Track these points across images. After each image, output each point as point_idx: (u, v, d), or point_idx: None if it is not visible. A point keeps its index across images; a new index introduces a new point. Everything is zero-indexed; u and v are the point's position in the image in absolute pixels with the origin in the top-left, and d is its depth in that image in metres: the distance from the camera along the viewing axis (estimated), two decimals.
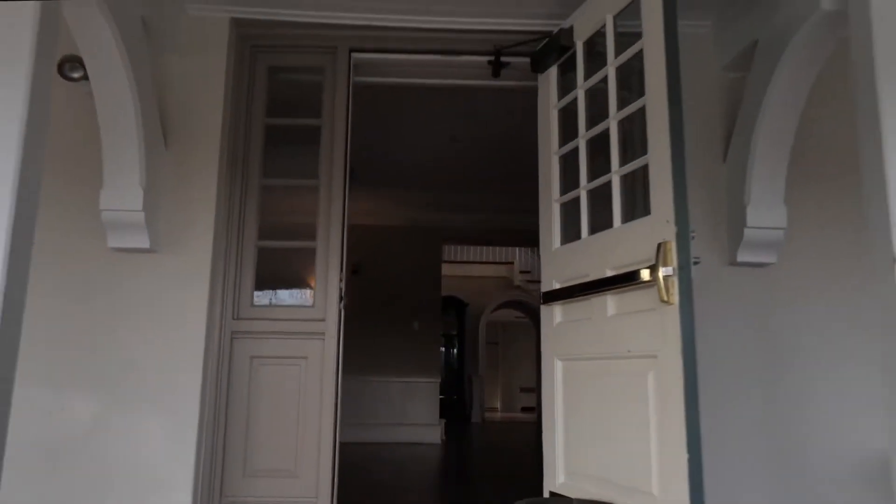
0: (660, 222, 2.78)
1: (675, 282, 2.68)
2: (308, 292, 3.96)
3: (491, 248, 16.82)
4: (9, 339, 2.25)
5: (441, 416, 10.30)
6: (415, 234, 10.10)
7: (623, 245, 3.04)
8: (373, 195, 8.68)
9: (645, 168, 2.95)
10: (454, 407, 15.92)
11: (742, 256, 3.64)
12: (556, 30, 3.78)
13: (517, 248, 16.71)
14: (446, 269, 11.98)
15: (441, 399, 10.51)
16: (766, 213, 3.54)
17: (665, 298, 2.70)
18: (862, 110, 2.62)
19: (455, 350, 17.39)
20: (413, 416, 9.96)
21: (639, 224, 2.95)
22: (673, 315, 2.67)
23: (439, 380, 10.27)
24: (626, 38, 3.21)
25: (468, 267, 16.86)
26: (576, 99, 3.54)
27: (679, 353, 2.63)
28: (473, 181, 8.03)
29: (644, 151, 2.96)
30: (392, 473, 6.70)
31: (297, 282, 4.06)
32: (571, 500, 3.07)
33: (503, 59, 4.09)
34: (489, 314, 17.18)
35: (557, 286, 3.56)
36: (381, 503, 5.15)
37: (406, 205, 9.42)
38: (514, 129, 5.72)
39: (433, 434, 9.94)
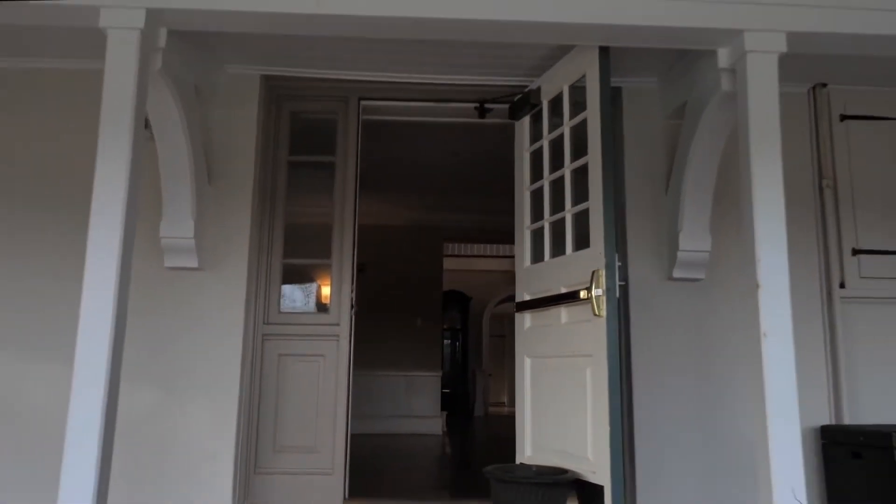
0: (595, 254, 3.86)
1: (604, 300, 3.76)
2: (326, 301, 5.05)
3: (496, 244, 17.75)
4: (117, 345, 3.36)
5: (445, 410, 11.39)
6: (417, 234, 11.18)
7: (572, 268, 4.12)
8: (377, 198, 9.68)
9: (588, 210, 4.03)
10: (458, 401, 16.93)
11: (677, 273, 4.71)
12: (529, 85, 4.84)
13: None
14: (449, 264, 13.03)
15: (446, 393, 11.52)
16: (694, 239, 4.60)
17: (597, 312, 3.78)
18: (742, 163, 3.70)
19: (459, 344, 18.40)
20: (415, 408, 11.06)
21: (582, 254, 4.03)
22: (602, 325, 3.75)
23: (440, 374, 11.36)
24: (580, 103, 4.27)
25: (471, 261, 17.82)
26: (542, 148, 4.61)
27: (605, 354, 3.71)
28: (473, 185, 8.98)
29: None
30: (394, 457, 7.82)
31: (316, 292, 5.15)
32: (531, 466, 4.16)
33: (487, 105, 5.16)
34: (493, 308, 18.18)
35: (528, 297, 4.65)
36: (384, 477, 6.24)
37: (408, 206, 10.42)
38: (509, 144, 6.75)
39: (434, 426, 11.04)
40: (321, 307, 5.09)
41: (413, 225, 11.04)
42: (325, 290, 5.10)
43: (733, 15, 3.78)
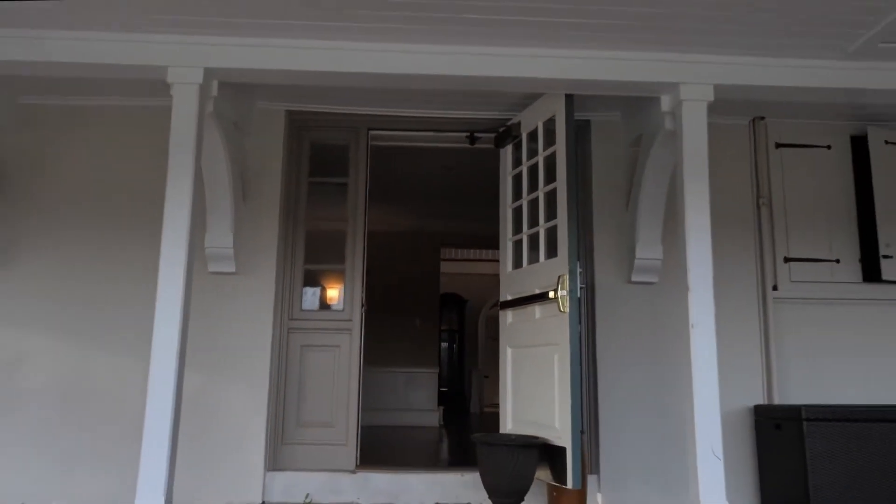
0: (560, 263, 4.88)
1: (568, 299, 4.77)
2: (340, 300, 6.07)
3: (490, 249, 18.74)
4: (183, 338, 4.38)
5: (443, 407, 12.39)
6: (416, 240, 12.20)
7: (543, 273, 5.13)
8: (381, 208, 10.68)
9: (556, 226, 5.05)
10: (455, 399, 17.94)
11: (635, 278, 5.72)
12: (511, 118, 5.87)
13: None
14: (446, 268, 14.05)
15: (443, 391, 12.50)
16: (648, 249, 5.62)
17: (562, 309, 4.80)
18: (678, 189, 4.72)
19: (455, 345, 19.41)
20: (414, 402, 12.07)
21: (551, 261, 5.05)
22: (566, 320, 4.77)
23: (437, 371, 12.38)
24: (552, 134, 5.28)
25: (468, 265, 18.83)
26: (521, 173, 5.64)
27: (569, 343, 4.73)
28: (467, 196, 9.96)
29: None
30: (396, 440, 8.83)
31: (333, 293, 6.17)
32: (511, 434, 5.18)
33: (476, 134, 6.18)
34: (488, 311, 19.17)
35: (510, 298, 5.66)
36: (388, 452, 7.25)
37: (408, 215, 11.42)
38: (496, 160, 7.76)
39: (432, 418, 12.04)
40: (337, 305, 6.10)
41: (412, 231, 12.04)
42: (337, 292, 6.11)
43: (671, 71, 4.81)
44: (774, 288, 5.90)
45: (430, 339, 12.34)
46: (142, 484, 4.29)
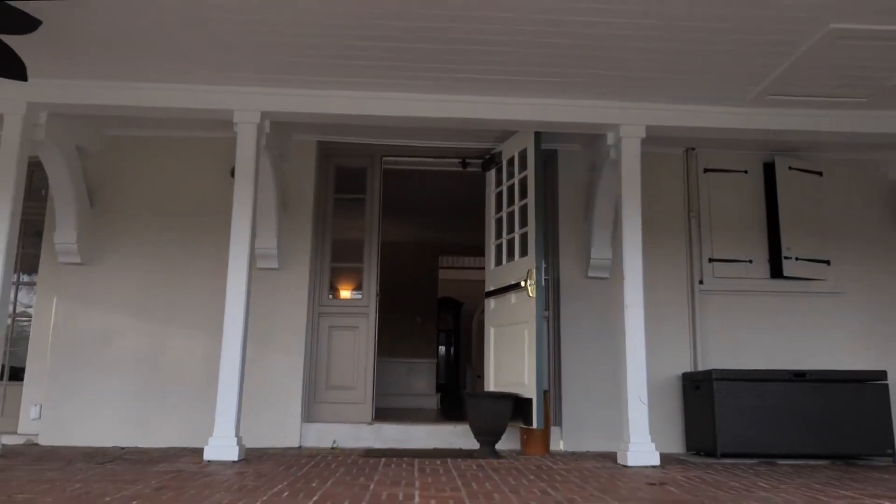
0: (530, 260, 6.31)
1: (534, 288, 6.19)
2: (360, 287, 7.47)
3: (482, 257, 20.11)
4: (246, 320, 5.80)
5: (441, 397, 13.76)
6: (418, 248, 13.62)
7: (517, 269, 6.56)
8: (389, 219, 12.08)
9: (526, 233, 6.48)
10: (451, 390, 19.33)
11: (590, 273, 7.14)
12: (494, 149, 7.29)
13: None
14: (444, 274, 15.45)
15: (442, 384, 13.81)
16: (601, 251, 7.04)
17: (530, 295, 6.21)
18: (618, 206, 6.15)
19: (452, 346, 20.79)
20: (415, 388, 13.46)
21: (523, 259, 6.47)
22: (533, 303, 6.18)
23: (435, 361, 13.78)
24: (525, 163, 6.71)
25: (463, 272, 20.25)
26: (502, 191, 7.07)
27: (535, 321, 6.14)
28: (462, 209, 11.36)
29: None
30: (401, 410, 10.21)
31: (354, 285, 7.58)
32: (492, 392, 6.59)
33: (467, 161, 7.61)
34: (479, 315, 20.55)
35: (492, 288, 7.08)
36: (395, 413, 8.63)
37: (412, 226, 12.83)
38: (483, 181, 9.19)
39: (431, 402, 13.43)
40: (357, 294, 7.52)
41: (415, 241, 13.45)
42: (357, 285, 7.53)
43: (613, 115, 6.25)
44: (700, 282, 7.31)
45: (429, 335, 13.75)
46: (218, 425, 5.67)
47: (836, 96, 5.99)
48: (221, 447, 5.56)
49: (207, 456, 5.56)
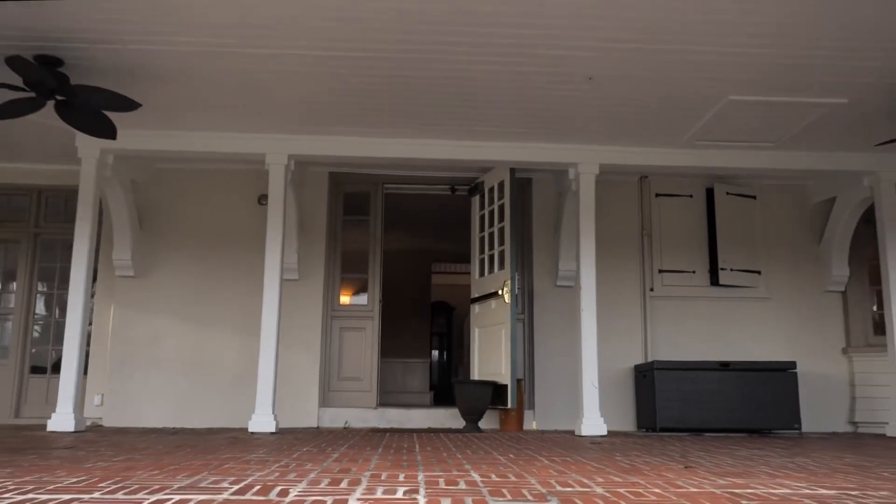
0: (506, 273, 7.89)
1: (510, 296, 7.76)
2: (365, 296, 9.03)
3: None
4: (279, 323, 7.37)
5: (435, 394, 15.31)
6: (412, 257, 15.18)
7: (496, 279, 8.13)
8: (388, 234, 13.56)
9: (504, 250, 8.05)
10: (444, 390, 20.80)
11: (559, 283, 8.72)
12: (478, 178, 8.86)
13: None
14: (437, 280, 17.01)
15: (435, 385, 15.32)
16: (567, 264, 8.61)
17: (506, 301, 7.79)
18: (578, 228, 7.73)
19: (446, 346, 22.29)
20: (410, 385, 15.00)
21: (501, 272, 8.05)
22: (508, 308, 7.76)
23: (429, 360, 15.32)
24: (503, 192, 8.27)
25: (455, 277, 21.75)
26: (484, 214, 8.65)
27: (509, 322, 7.71)
28: (451, 226, 12.92)
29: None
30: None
31: (361, 292, 9.14)
32: (476, 379, 8.15)
33: (456, 188, 9.18)
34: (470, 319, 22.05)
35: (477, 295, 8.65)
36: (396, 399, 10.17)
37: (408, 239, 14.39)
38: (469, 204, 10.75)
39: (424, 399, 14.96)
40: (363, 300, 9.08)
41: (411, 251, 15.02)
42: (364, 292, 9.09)
43: (572, 155, 7.83)
44: (651, 289, 8.90)
45: (423, 337, 15.31)
46: (258, 405, 7.24)
47: (749, 141, 7.59)
48: (262, 422, 7.13)
49: (251, 428, 7.13)
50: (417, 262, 15.25)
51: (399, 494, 2.76)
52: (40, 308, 9.14)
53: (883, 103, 6.48)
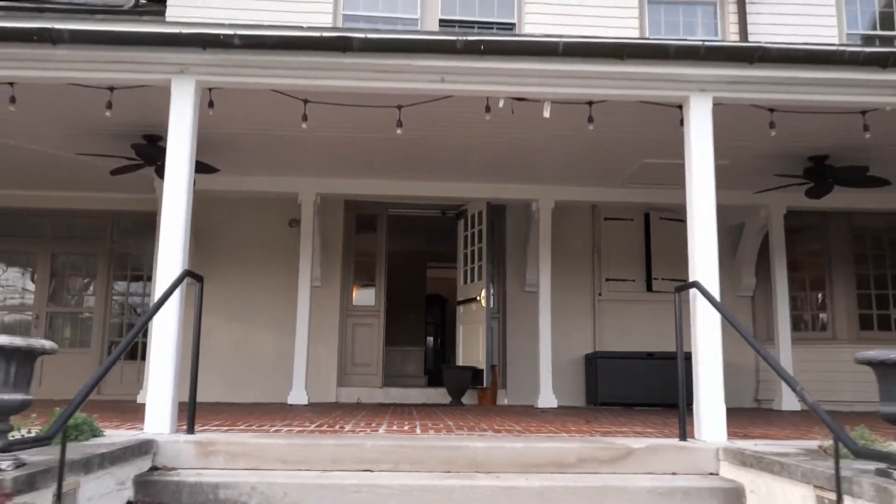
0: (483, 283, 10.37)
1: (486, 301, 10.24)
2: (372, 296, 11.50)
3: None
4: (310, 321, 9.86)
5: (429, 379, 17.78)
6: (410, 258, 17.62)
7: (476, 288, 10.61)
8: (392, 242, 16.04)
9: (482, 264, 10.53)
10: (438, 376, 23.24)
11: (526, 289, 11.19)
12: (463, 206, 11.32)
13: None
14: (433, 273, 19.47)
15: (430, 370, 17.81)
16: (532, 274, 11.07)
17: (483, 305, 10.27)
18: (538, 245, 10.23)
19: (440, 334, 24.70)
20: (408, 371, 17.46)
21: (479, 282, 10.54)
22: (484, 310, 10.24)
23: (423, 348, 17.80)
24: (481, 218, 10.72)
25: (449, 272, 24.18)
26: (467, 235, 11.12)
27: (485, 322, 10.20)
28: (444, 234, 15.34)
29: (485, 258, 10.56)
30: None
31: (369, 295, 11.61)
32: (460, 365, 10.65)
33: (445, 212, 11.64)
34: None
35: (461, 299, 11.14)
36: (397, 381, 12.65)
37: (407, 246, 16.82)
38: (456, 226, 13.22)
39: (420, 382, 17.44)
40: (370, 300, 11.54)
41: (408, 252, 17.45)
42: (372, 294, 11.56)
43: (533, 193, 10.28)
44: (600, 294, 11.37)
45: (418, 326, 17.79)
46: (294, 384, 9.73)
47: (666, 184, 10.04)
48: (298, 396, 9.66)
49: (290, 401, 9.64)
50: (414, 262, 17.67)
51: (406, 428, 5.26)
52: (114, 308, 11.60)
53: (751, 166, 8.94)
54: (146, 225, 11.02)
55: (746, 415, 8.68)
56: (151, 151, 8.20)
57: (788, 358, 10.35)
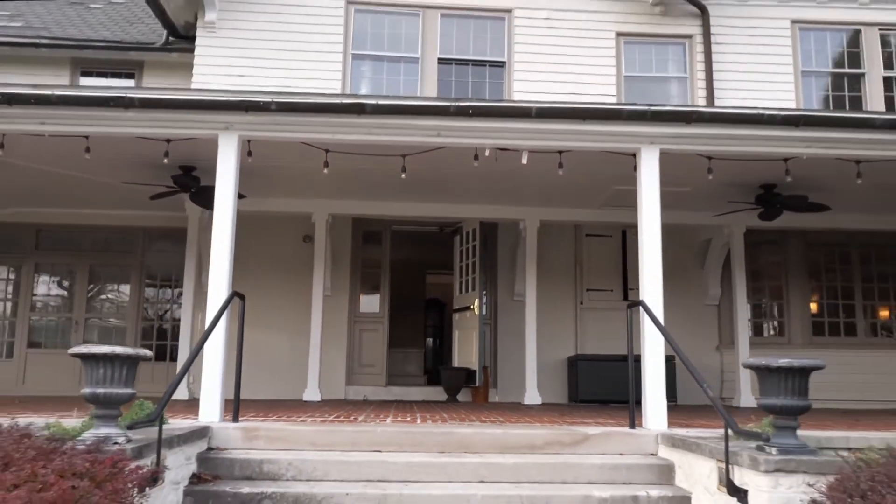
0: (476, 293, 11.66)
1: (479, 309, 11.54)
2: (377, 303, 12.79)
3: None
4: (322, 327, 11.17)
5: (428, 378, 19.08)
6: (410, 266, 18.90)
7: (470, 297, 11.90)
8: (395, 252, 17.34)
9: (476, 276, 11.83)
10: (436, 376, 24.53)
11: (515, 298, 12.46)
12: (459, 223, 12.61)
13: None
14: (431, 279, 20.75)
15: (430, 370, 19.15)
16: (519, 286, 12.36)
17: (476, 313, 11.57)
18: (525, 262, 11.53)
19: (439, 340, 25.99)
20: (408, 371, 18.75)
21: (473, 292, 11.83)
22: (477, 318, 11.54)
23: (423, 350, 19.09)
24: (475, 235, 12.01)
25: (446, 277, 25.48)
26: (462, 250, 12.42)
27: (478, 328, 11.49)
28: (441, 246, 16.63)
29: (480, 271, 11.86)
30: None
31: (374, 303, 12.91)
32: (455, 366, 11.94)
33: (443, 229, 12.94)
34: None
35: (457, 307, 12.43)
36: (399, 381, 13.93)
37: (407, 253, 18.11)
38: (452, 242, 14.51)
39: (420, 381, 18.72)
40: (375, 307, 12.84)
41: (409, 260, 18.74)
42: (377, 301, 12.85)
43: (520, 214, 11.57)
44: (581, 303, 12.65)
45: (418, 330, 19.09)
46: (309, 382, 11.02)
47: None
48: (312, 393, 10.96)
49: (305, 398, 10.92)
50: (414, 270, 18.95)
51: (408, 419, 6.56)
52: (146, 314, 12.89)
53: (710, 192, 10.23)
54: (174, 239, 12.32)
55: (704, 410, 9.98)
56: (187, 181, 9.49)
57: (747, 360, 11.62)
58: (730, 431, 5.02)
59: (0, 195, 11.37)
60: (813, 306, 12.65)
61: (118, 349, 4.70)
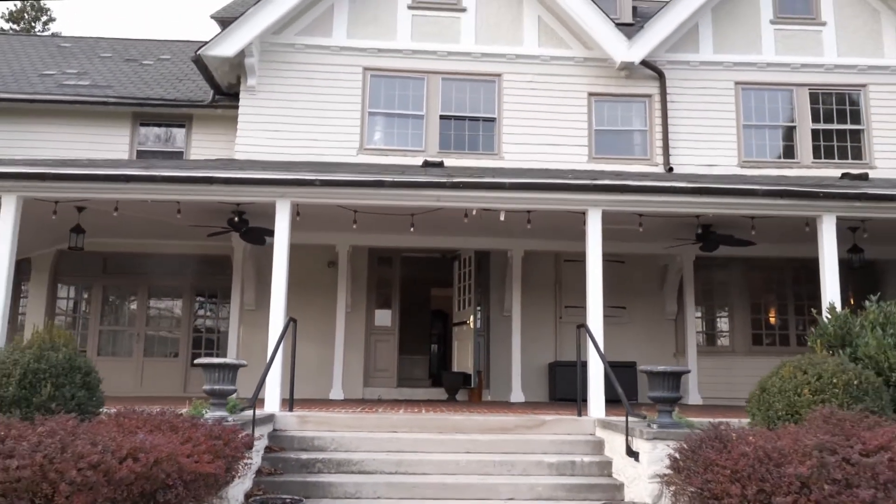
0: (472, 310, 14.17)
1: (474, 324, 14.04)
2: (388, 318, 15.28)
3: None
4: (345, 337, 13.71)
5: (433, 381, 21.52)
6: (417, 283, 21.39)
7: (467, 313, 14.39)
8: (402, 273, 19.84)
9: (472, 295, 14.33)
10: (440, 381, 26.99)
11: (504, 313, 14.95)
12: (458, 251, 15.11)
13: None
14: (436, 292, 23.23)
15: (434, 374, 21.69)
16: (508, 304, 14.84)
17: (471, 328, 14.07)
18: (512, 286, 14.04)
19: (443, 349, 28.40)
20: (415, 374, 21.23)
21: (469, 309, 14.33)
22: (472, 330, 14.03)
23: (428, 356, 21.57)
24: (471, 263, 14.50)
25: (449, 290, 27.96)
26: (460, 273, 14.92)
27: (473, 340, 13.99)
28: (441, 273, 19.11)
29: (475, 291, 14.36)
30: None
31: (386, 317, 15.41)
32: (454, 371, 14.45)
33: (445, 255, 15.44)
34: None
35: (456, 322, 14.93)
36: (407, 382, 16.41)
37: (414, 273, 20.59)
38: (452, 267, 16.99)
39: (424, 384, 21.20)
40: (387, 320, 15.34)
41: (415, 278, 21.24)
42: (389, 316, 15.35)
43: (507, 245, 14.05)
44: (560, 317, 15.12)
45: (423, 338, 21.59)
46: (334, 384, 13.53)
47: (611, 238, 13.79)
48: (336, 393, 13.48)
49: (331, 396, 13.43)
50: (421, 286, 21.42)
51: (416, 411, 9.10)
52: (195, 327, 15.39)
53: (660, 229, 12.68)
54: (221, 264, 14.82)
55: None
56: (239, 224, 12.01)
57: (694, 366, 14.13)
58: (630, 417, 7.52)
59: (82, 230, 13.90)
60: (754, 320, 15.13)
61: (228, 360, 7.23)
